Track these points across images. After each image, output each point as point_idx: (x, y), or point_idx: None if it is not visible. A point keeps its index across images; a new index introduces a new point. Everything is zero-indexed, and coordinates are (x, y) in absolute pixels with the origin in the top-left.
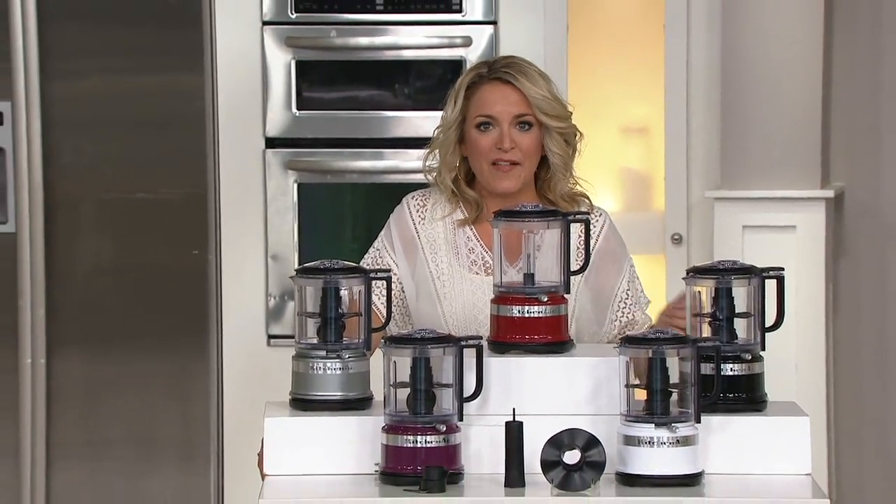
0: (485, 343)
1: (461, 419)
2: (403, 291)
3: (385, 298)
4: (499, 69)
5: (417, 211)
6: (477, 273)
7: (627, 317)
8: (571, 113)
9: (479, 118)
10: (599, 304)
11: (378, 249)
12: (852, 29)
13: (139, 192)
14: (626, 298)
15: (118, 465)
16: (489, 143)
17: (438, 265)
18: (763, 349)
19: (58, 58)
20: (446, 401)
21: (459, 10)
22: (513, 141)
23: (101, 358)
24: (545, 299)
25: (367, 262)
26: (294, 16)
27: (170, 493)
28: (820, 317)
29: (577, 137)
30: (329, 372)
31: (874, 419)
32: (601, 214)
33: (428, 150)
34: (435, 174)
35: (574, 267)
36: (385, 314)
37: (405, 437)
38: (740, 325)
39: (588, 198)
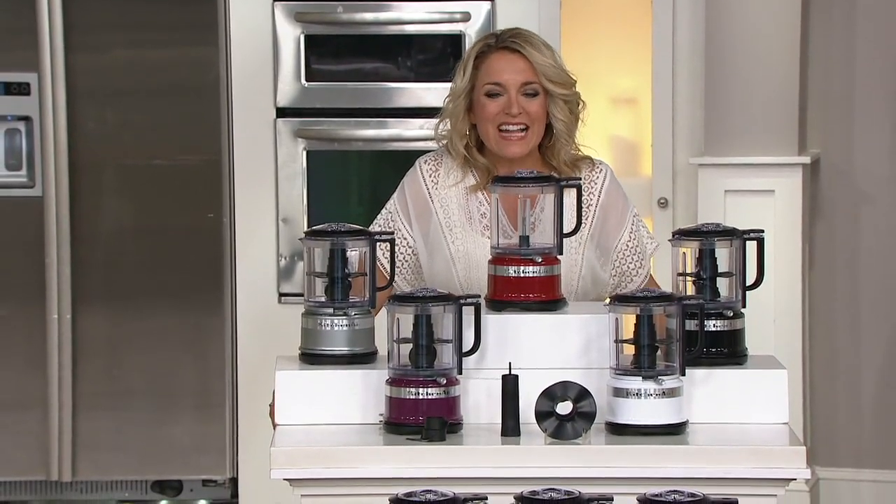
0: (483, 301)
1: (460, 373)
2: (415, 254)
3: (390, 259)
4: (506, 39)
5: (430, 176)
6: (489, 237)
7: (623, 267)
8: (575, 81)
9: (488, 86)
10: (605, 257)
11: (391, 212)
12: (828, 4)
13: (158, 158)
14: (626, 250)
15: (139, 415)
16: (497, 108)
17: (452, 230)
18: (744, 306)
19: (81, 32)
20: (446, 355)
21: None
22: (520, 107)
23: (123, 313)
24: (539, 260)
25: (378, 223)
26: None
27: (188, 441)
28: (797, 275)
29: (580, 106)
30: (336, 328)
31: (847, 371)
32: (602, 171)
33: (439, 119)
34: (446, 141)
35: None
36: (390, 274)
37: (408, 389)
38: (723, 284)
39: (590, 158)
